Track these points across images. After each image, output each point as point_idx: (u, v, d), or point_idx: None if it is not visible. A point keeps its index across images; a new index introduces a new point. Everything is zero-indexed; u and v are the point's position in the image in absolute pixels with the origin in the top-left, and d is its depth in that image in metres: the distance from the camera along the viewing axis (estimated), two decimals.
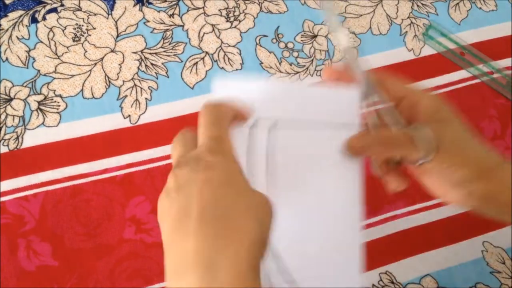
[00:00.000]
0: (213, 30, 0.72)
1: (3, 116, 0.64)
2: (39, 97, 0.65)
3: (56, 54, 0.68)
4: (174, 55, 0.70)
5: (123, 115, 0.66)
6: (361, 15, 0.76)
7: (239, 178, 0.40)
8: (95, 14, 0.70)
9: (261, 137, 0.48)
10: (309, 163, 0.49)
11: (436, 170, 0.46)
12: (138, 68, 0.68)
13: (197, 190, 0.38)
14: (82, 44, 0.69)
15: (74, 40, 0.69)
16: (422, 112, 0.47)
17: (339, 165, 0.49)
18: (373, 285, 0.61)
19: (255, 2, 0.74)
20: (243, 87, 0.50)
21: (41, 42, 0.68)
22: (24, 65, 0.67)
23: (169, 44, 0.70)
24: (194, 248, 0.36)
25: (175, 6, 0.73)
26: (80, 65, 0.67)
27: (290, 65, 0.71)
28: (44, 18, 0.69)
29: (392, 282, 0.62)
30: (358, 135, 0.47)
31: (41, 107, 0.65)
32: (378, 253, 0.63)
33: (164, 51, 0.70)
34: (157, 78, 0.68)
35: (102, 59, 0.68)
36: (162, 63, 0.69)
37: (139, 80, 0.68)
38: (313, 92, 0.50)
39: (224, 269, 0.35)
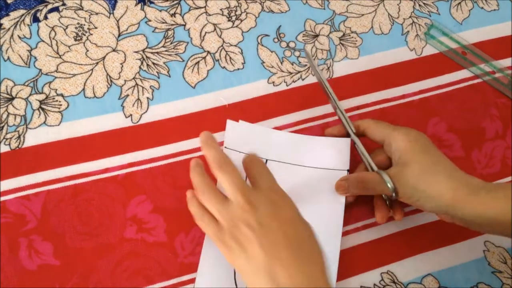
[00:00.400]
0: (215, 29, 0.72)
1: (4, 115, 0.64)
2: (41, 96, 0.65)
3: (58, 53, 0.68)
4: (175, 54, 0.70)
5: (124, 114, 0.66)
6: (362, 15, 0.76)
7: (299, 212, 0.53)
8: (96, 13, 0.70)
9: None
10: (299, 188, 0.63)
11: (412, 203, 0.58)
12: (140, 67, 0.68)
13: (279, 226, 0.50)
14: (84, 43, 0.69)
15: (75, 39, 0.69)
16: (392, 155, 0.59)
17: (326, 193, 0.63)
18: (375, 284, 0.61)
19: (256, 2, 0.74)
20: (250, 130, 0.66)
21: (43, 41, 0.68)
22: (26, 64, 0.67)
23: (171, 43, 0.70)
24: (286, 274, 0.48)
25: (176, 5, 0.73)
26: (81, 64, 0.67)
27: (292, 64, 0.71)
28: (45, 17, 0.69)
29: (394, 282, 0.62)
30: (342, 178, 0.62)
31: (43, 106, 0.65)
32: (379, 253, 0.63)
33: (166, 51, 0.70)
34: (158, 78, 0.68)
35: (103, 58, 0.68)
36: (164, 63, 0.69)
37: (140, 79, 0.68)
38: (310, 140, 0.66)
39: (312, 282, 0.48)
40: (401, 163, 0.57)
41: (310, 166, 0.65)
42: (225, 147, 0.65)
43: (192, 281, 0.59)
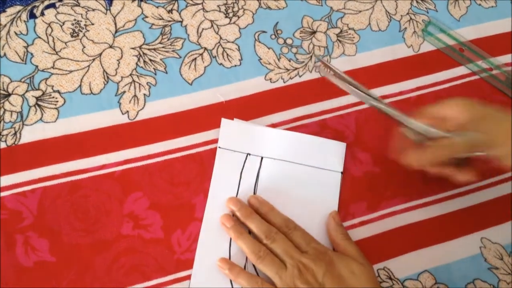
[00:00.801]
0: (212, 26, 0.72)
1: (1, 112, 0.64)
2: (37, 93, 0.65)
3: (54, 49, 0.68)
4: (172, 51, 0.70)
5: (121, 111, 0.66)
6: (360, 11, 0.76)
7: (350, 263, 0.57)
8: (93, 10, 0.70)
9: (255, 161, 0.65)
10: (293, 185, 0.64)
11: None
12: (137, 64, 0.68)
13: (333, 281, 0.55)
14: (81, 39, 0.69)
15: (72, 36, 0.69)
16: (449, 122, 0.57)
17: (320, 191, 0.64)
18: None
19: None
20: (245, 128, 0.66)
21: (39, 37, 0.68)
22: (22, 60, 0.67)
23: (168, 40, 0.70)
24: None
25: (173, 1, 0.72)
26: (78, 61, 0.67)
27: (289, 61, 0.71)
28: (42, 14, 0.69)
29: (390, 278, 0.62)
30: (420, 151, 0.58)
31: (39, 102, 0.65)
32: (376, 250, 0.63)
33: (163, 47, 0.70)
34: (155, 74, 0.68)
35: (100, 54, 0.68)
36: (161, 59, 0.69)
37: (137, 76, 0.68)
38: (306, 139, 0.66)
39: None
40: (475, 121, 0.55)
41: (305, 164, 0.65)
42: (219, 146, 0.65)
43: (189, 277, 0.59)
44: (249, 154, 0.64)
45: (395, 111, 0.59)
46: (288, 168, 0.64)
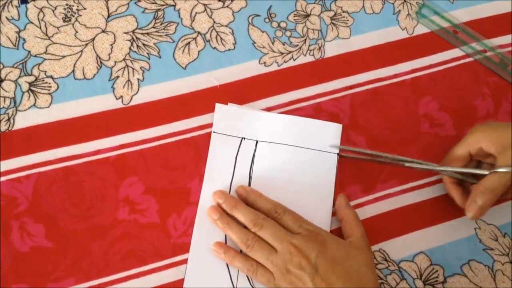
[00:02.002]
0: (205, 9, 0.71)
1: None
2: (30, 78, 0.65)
3: (47, 34, 0.67)
4: (166, 35, 0.69)
5: (115, 96, 0.65)
6: None
7: (344, 244, 0.57)
8: None
9: (249, 145, 0.65)
10: (289, 168, 0.64)
11: None
12: (130, 48, 0.68)
13: (326, 263, 0.55)
14: (73, 24, 0.68)
15: (64, 21, 0.68)
16: (488, 152, 0.60)
17: (316, 174, 0.64)
18: None
19: None
20: (239, 112, 0.66)
21: (31, 22, 0.67)
22: (15, 46, 0.66)
23: (161, 24, 0.70)
24: None
25: None
26: (71, 46, 0.67)
27: (283, 44, 0.71)
28: None
29: (386, 260, 0.62)
30: (478, 205, 0.58)
31: (32, 88, 0.64)
32: (371, 232, 0.63)
33: (156, 31, 0.69)
34: (149, 59, 0.68)
35: (93, 39, 0.68)
36: (154, 44, 0.68)
37: (131, 60, 0.67)
38: (300, 121, 0.66)
39: None
40: (503, 149, 0.58)
41: (300, 147, 0.65)
42: (214, 131, 0.65)
43: (185, 261, 0.60)
44: (244, 138, 0.64)
45: (432, 165, 0.63)
46: (283, 151, 0.64)
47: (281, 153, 0.64)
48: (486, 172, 0.59)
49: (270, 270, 0.56)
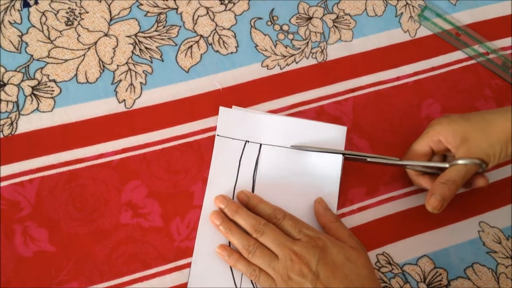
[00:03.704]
0: (208, 13, 0.71)
1: None
2: (33, 82, 0.65)
3: (49, 38, 0.67)
4: (168, 38, 0.69)
5: (118, 99, 0.65)
6: None
7: (344, 248, 0.56)
8: None
9: (253, 148, 0.65)
10: (294, 171, 0.64)
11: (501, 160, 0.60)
12: (132, 52, 0.68)
13: (327, 270, 0.54)
14: (75, 28, 0.68)
15: (67, 24, 0.68)
16: (449, 145, 0.60)
17: (320, 176, 0.64)
18: None
19: None
20: (243, 115, 0.66)
21: (34, 26, 0.67)
22: (17, 50, 0.66)
23: (163, 27, 0.70)
24: None
25: None
26: (73, 50, 0.67)
27: (286, 47, 0.71)
28: (36, 2, 0.69)
29: (389, 263, 0.62)
30: (431, 197, 0.59)
31: (35, 92, 0.64)
32: (375, 235, 0.63)
33: (158, 35, 0.69)
34: (151, 62, 0.68)
35: (95, 43, 0.68)
36: (157, 47, 0.68)
37: (133, 64, 0.67)
38: (305, 124, 0.66)
39: None
40: (461, 142, 0.59)
41: (305, 149, 0.65)
42: (217, 134, 0.64)
43: (189, 265, 0.59)
44: (248, 141, 0.64)
45: (394, 160, 0.63)
46: (287, 154, 0.64)
47: (285, 155, 0.64)
48: (446, 165, 0.60)
49: (272, 276, 0.56)
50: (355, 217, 0.64)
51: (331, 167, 0.64)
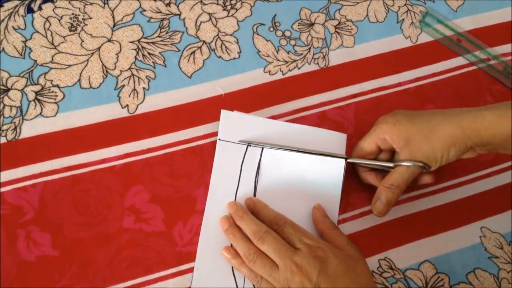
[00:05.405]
0: (210, 19, 0.72)
1: (0, 107, 0.64)
2: (36, 88, 0.65)
3: (53, 44, 0.67)
4: (171, 44, 0.70)
5: (121, 104, 0.66)
6: (358, 3, 0.76)
7: (343, 257, 0.56)
8: (91, 4, 0.70)
9: (255, 153, 0.64)
10: (295, 176, 0.64)
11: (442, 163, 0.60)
12: (135, 57, 0.68)
13: (328, 280, 0.54)
14: (79, 33, 0.68)
15: (70, 30, 0.68)
16: (394, 144, 0.60)
17: (322, 181, 0.64)
18: (372, 271, 0.62)
19: None
20: (245, 119, 0.66)
21: (38, 32, 0.68)
22: (21, 55, 0.66)
23: (166, 33, 0.70)
24: None
25: None
26: (77, 55, 0.67)
27: (288, 53, 0.71)
28: (40, 8, 0.69)
29: (391, 268, 0.62)
30: (376, 202, 0.60)
31: (39, 97, 0.65)
32: (377, 240, 0.63)
33: (161, 40, 0.69)
34: (154, 68, 0.68)
35: (99, 48, 0.68)
36: (159, 52, 0.69)
37: (136, 69, 0.67)
38: (306, 130, 0.66)
39: None
40: (405, 144, 0.59)
41: (307, 153, 0.65)
42: (219, 139, 0.65)
43: (191, 270, 0.60)
44: (249, 145, 0.64)
45: (340, 157, 0.64)
46: (289, 158, 0.64)
47: (287, 160, 0.64)
48: (391, 165, 0.61)
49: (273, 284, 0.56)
50: (357, 222, 0.64)
51: (333, 172, 0.64)
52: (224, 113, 0.66)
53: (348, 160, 0.63)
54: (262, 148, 0.65)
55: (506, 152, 0.58)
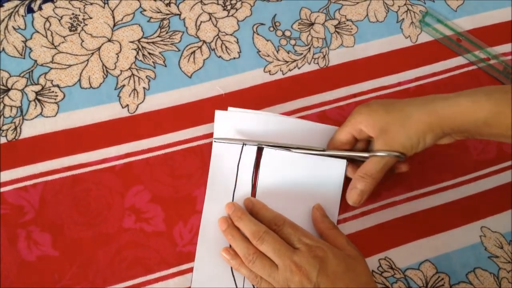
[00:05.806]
0: (210, 18, 0.72)
1: (0, 107, 0.64)
2: (37, 88, 0.65)
3: (53, 44, 0.67)
4: (171, 44, 0.70)
5: (121, 104, 0.66)
6: (357, 3, 0.76)
7: (343, 256, 0.56)
8: (91, 4, 0.70)
9: (251, 153, 0.64)
10: (294, 172, 0.64)
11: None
12: (136, 57, 0.68)
13: (328, 280, 0.54)
14: (79, 33, 0.68)
15: (70, 30, 0.68)
16: (370, 134, 0.59)
17: (321, 178, 0.64)
18: (373, 271, 0.62)
19: None
20: (240, 116, 0.65)
21: (38, 32, 0.68)
22: (21, 55, 0.66)
23: (166, 33, 0.70)
24: None
25: None
26: (77, 55, 0.67)
27: (288, 53, 0.71)
28: (40, 8, 0.69)
29: (392, 268, 0.62)
30: (351, 190, 0.61)
31: (39, 97, 0.65)
32: (377, 239, 0.63)
33: (161, 40, 0.69)
34: (154, 67, 0.68)
35: (99, 48, 0.68)
36: (160, 52, 0.69)
37: (136, 69, 0.68)
38: (304, 125, 0.66)
39: None
40: (380, 133, 0.59)
41: (306, 151, 0.64)
42: (214, 139, 0.65)
43: (191, 270, 0.60)
44: (245, 144, 0.64)
45: (318, 149, 0.64)
46: (288, 156, 0.64)
47: (286, 158, 0.64)
48: (366, 155, 0.60)
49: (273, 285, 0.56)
50: (358, 222, 0.64)
51: (334, 172, 0.64)
52: (218, 113, 0.66)
53: (325, 152, 0.63)
54: (262, 147, 0.64)
55: (481, 138, 0.59)
